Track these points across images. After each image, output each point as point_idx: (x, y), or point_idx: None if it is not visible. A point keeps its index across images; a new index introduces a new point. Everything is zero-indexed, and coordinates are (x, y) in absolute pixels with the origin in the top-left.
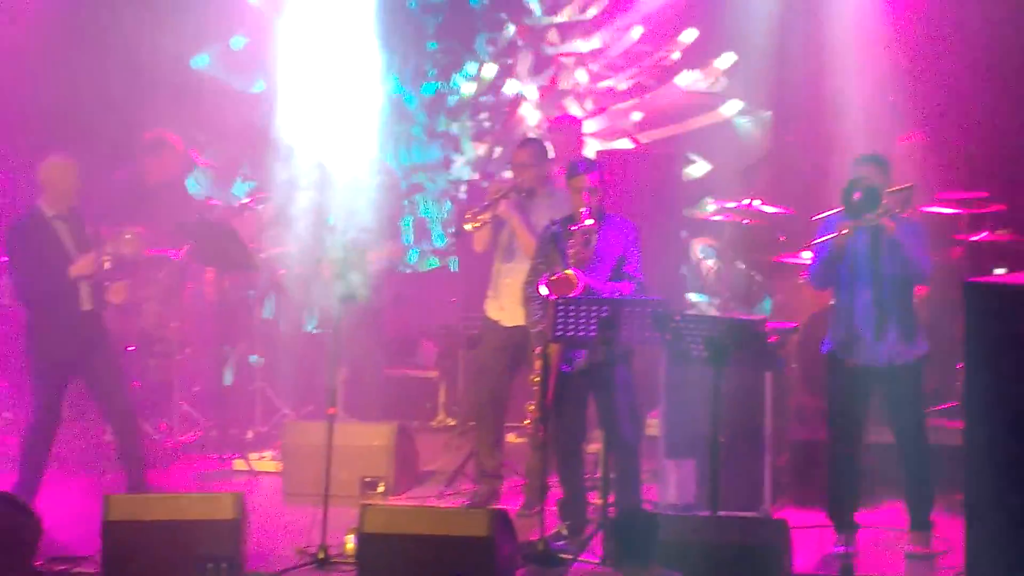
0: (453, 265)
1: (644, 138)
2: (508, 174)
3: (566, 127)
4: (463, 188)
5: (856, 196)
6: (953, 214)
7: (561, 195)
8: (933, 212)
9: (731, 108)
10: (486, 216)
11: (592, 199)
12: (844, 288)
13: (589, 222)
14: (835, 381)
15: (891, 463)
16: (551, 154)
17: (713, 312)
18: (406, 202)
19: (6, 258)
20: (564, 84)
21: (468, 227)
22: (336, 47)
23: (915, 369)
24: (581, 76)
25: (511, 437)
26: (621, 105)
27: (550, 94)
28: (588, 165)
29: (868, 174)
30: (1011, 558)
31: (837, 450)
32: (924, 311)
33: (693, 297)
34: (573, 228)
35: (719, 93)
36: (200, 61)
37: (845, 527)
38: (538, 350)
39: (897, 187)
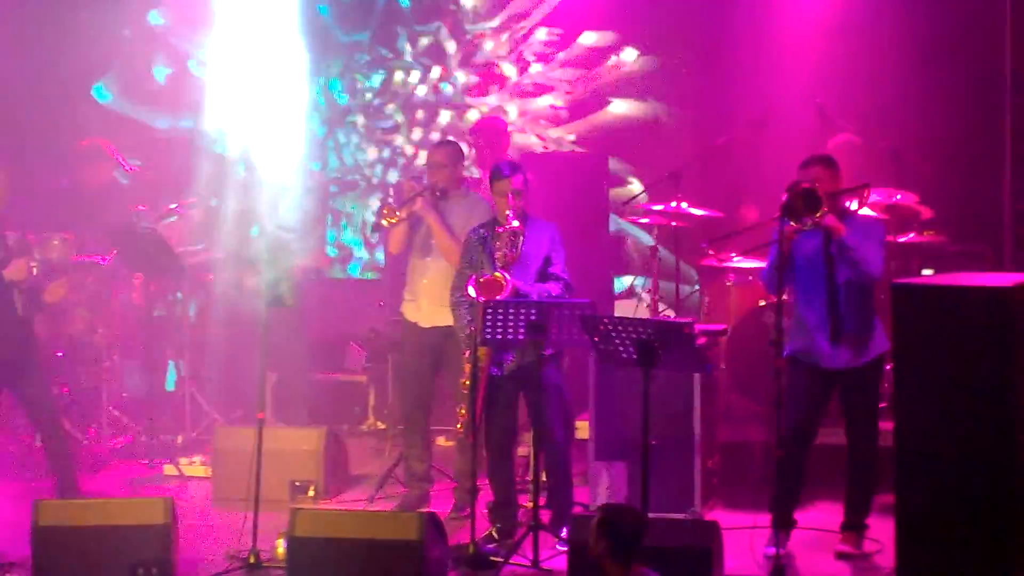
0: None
1: (567, 133)
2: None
3: (491, 129)
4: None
5: (794, 199)
6: (881, 216)
7: (475, 197)
8: (862, 215)
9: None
10: (403, 213)
11: (516, 202)
12: (800, 294)
13: (515, 224)
14: (797, 383)
15: (830, 464)
16: (472, 155)
17: (644, 306)
18: (353, 207)
19: None
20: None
21: (385, 223)
22: (261, 50)
23: (873, 368)
24: (509, 70)
25: (440, 440)
26: (544, 101)
27: (480, 92)
28: (512, 168)
29: (816, 175)
30: (941, 558)
31: (790, 451)
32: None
33: (628, 280)
34: (500, 230)
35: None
36: (100, 94)
37: (784, 525)
38: (467, 353)
39: (849, 187)
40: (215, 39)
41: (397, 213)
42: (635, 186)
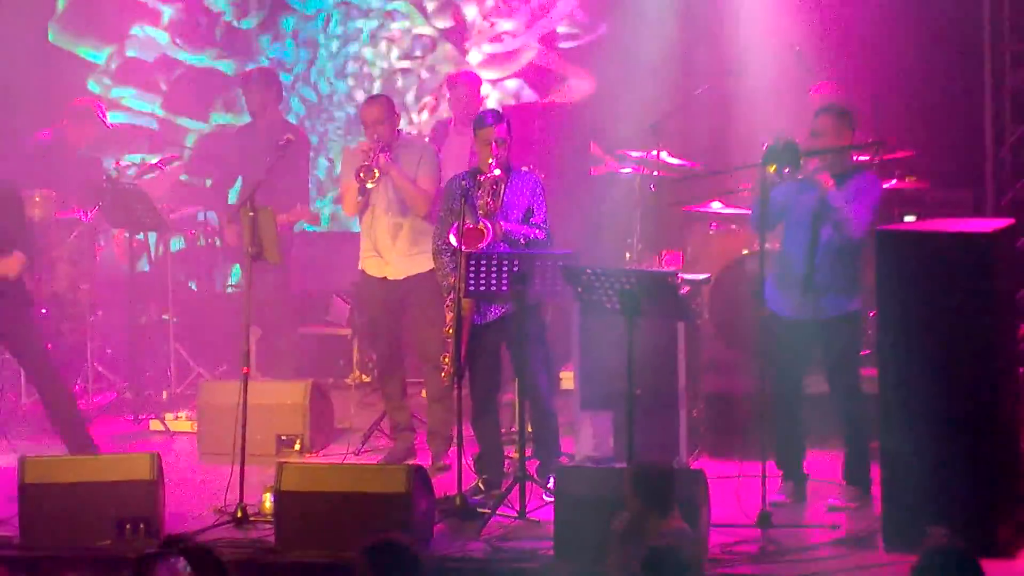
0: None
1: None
2: None
3: (464, 82)
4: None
5: (773, 150)
6: (863, 162)
7: (412, 140)
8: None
9: None
10: (375, 174)
11: (500, 150)
12: (784, 244)
13: (497, 172)
14: (771, 333)
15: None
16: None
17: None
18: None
19: None
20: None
21: (370, 184)
22: None
23: (844, 323)
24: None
25: (423, 394)
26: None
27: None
28: (496, 116)
29: (823, 127)
30: (925, 505)
31: (775, 401)
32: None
33: None
34: (481, 178)
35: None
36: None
37: (792, 477)
38: (449, 302)
39: (861, 143)
40: None
41: (373, 171)
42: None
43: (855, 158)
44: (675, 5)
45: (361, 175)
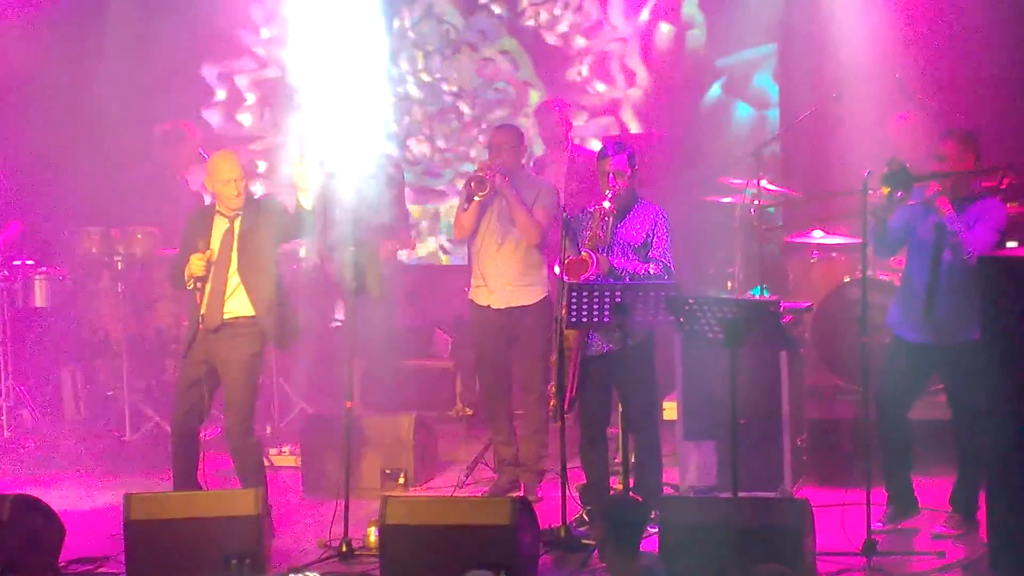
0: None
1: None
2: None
3: (554, 110)
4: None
5: (888, 174)
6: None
7: (537, 180)
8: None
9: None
10: (486, 186)
11: (618, 182)
12: (908, 268)
13: (607, 204)
14: (890, 355)
15: (944, 440)
16: (535, 136)
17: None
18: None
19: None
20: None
21: (478, 197)
22: (342, 38)
23: (966, 349)
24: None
25: None
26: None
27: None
28: (615, 148)
29: (946, 151)
30: None
31: (883, 426)
32: None
33: None
34: (590, 209)
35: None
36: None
37: (898, 502)
38: (555, 334)
39: (986, 168)
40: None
41: (485, 183)
42: None
43: (981, 183)
44: (777, 31)
45: (472, 184)
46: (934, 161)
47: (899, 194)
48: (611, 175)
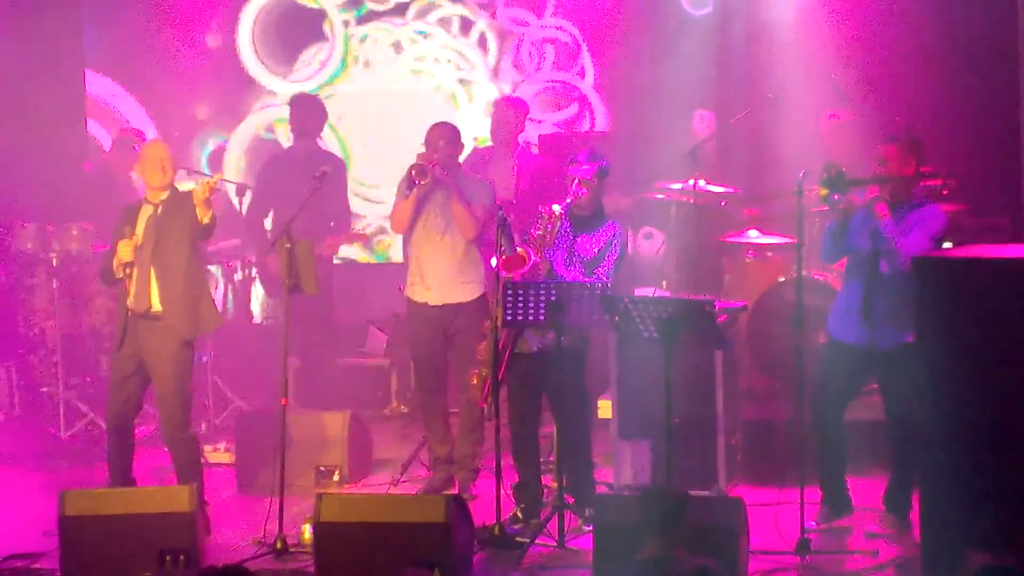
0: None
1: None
2: None
3: (511, 108)
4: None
5: (823, 177)
6: (929, 192)
7: (470, 177)
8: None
9: None
10: (427, 178)
11: (579, 190)
12: (847, 271)
13: (557, 209)
14: (825, 358)
15: (878, 441)
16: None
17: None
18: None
19: None
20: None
21: (423, 182)
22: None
23: (900, 353)
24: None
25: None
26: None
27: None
28: (590, 156)
29: (886, 155)
30: (964, 531)
31: (819, 427)
32: None
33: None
34: (541, 209)
35: None
36: None
37: (832, 502)
38: (487, 330)
39: (929, 172)
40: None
41: (427, 172)
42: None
43: (921, 188)
44: (711, 34)
45: (413, 172)
46: (875, 165)
47: (835, 197)
48: (576, 181)
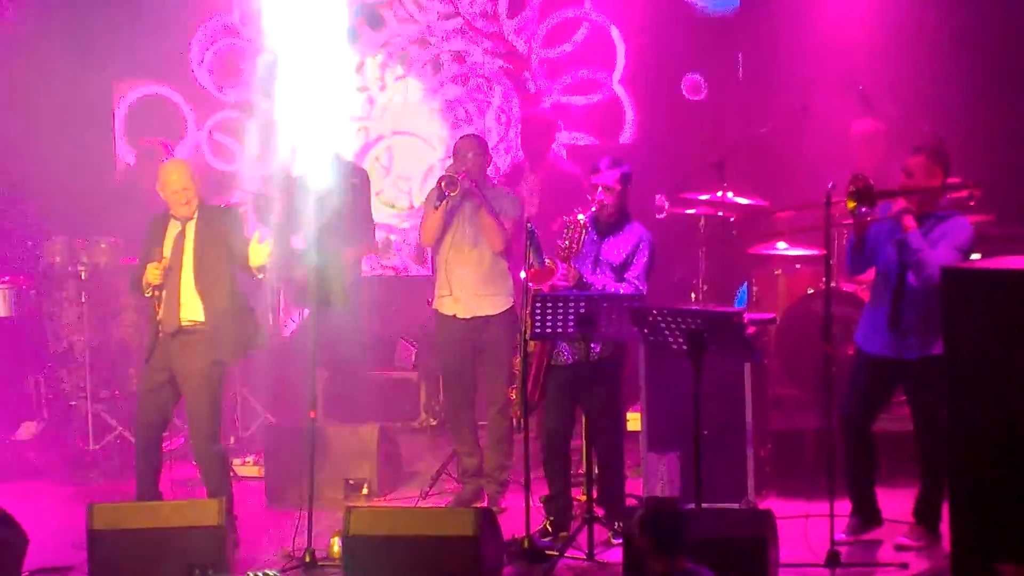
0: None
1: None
2: None
3: (539, 120)
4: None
5: (851, 190)
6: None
7: (499, 189)
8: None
9: None
10: (456, 189)
11: (607, 197)
12: (876, 283)
13: (581, 217)
14: (855, 370)
15: (908, 452)
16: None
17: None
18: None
19: None
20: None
21: (453, 194)
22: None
23: (927, 365)
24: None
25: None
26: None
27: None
28: (610, 163)
29: (913, 166)
30: (995, 543)
31: (848, 438)
32: None
33: None
34: (566, 219)
35: None
36: None
37: (862, 513)
38: (518, 344)
39: (954, 183)
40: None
41: (456, 183)
42: None
43: (947, 199)
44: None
45: (442, 183)
46: (901, 175)
47: (863, 209)
48: (600, 189)
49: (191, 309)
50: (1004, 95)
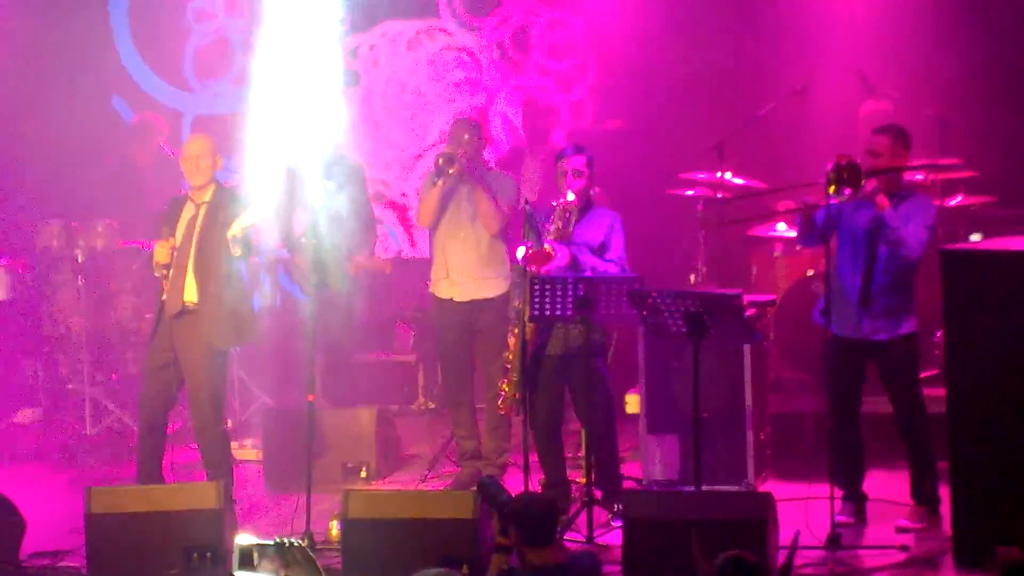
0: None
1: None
2: None
3: (540, 109)
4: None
5: (837, 170)
6: (926, 180)
7: (495, 172)
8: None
9: None
10: (455, 166)
11: (575, 181)
12: (841, 264)
13: (571, 197)
14: (832, 354)
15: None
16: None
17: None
18: None
19: None
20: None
21: (451, 171)
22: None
23: (899, 344)
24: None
25: None
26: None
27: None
28: (576, 148)
29: (879, 145)
30: (996, 524)
31: (834, 423)
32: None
33: None
34: (554, 204)
35: None
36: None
37: (850, 497)
38: (514, 328)
39: (916, 164)
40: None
41: (455, 161)
42: None
43: (909, 178)
44: (738, 26)
45: (441, 161)
46: (867, 156)
47: (847, 191)
48: (570, 173)
49: (192, 291)
50: (1006, 76)
